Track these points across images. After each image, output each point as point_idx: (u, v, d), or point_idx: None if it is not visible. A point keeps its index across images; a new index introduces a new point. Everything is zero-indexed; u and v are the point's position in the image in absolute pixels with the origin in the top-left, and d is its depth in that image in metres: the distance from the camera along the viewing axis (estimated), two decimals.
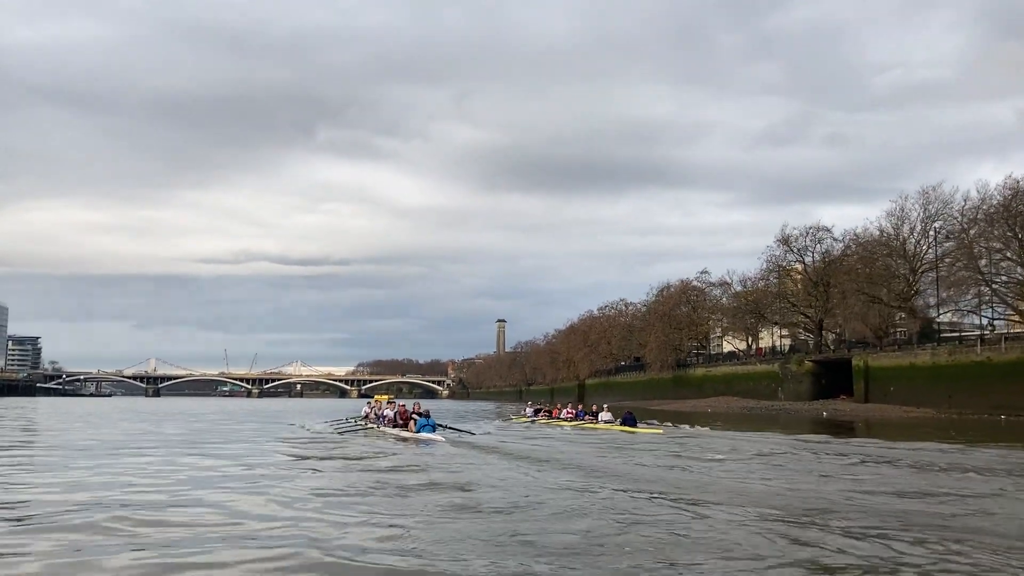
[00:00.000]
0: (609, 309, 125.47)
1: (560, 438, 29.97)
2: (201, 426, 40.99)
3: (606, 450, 23.78)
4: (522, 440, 28.26)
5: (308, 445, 25.86)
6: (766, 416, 65.10)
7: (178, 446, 25.11)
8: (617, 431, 33.04)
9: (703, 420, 53.97)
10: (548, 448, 24.35)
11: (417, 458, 20.71)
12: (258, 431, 35.49)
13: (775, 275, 78.73)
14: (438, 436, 26.92)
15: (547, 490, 13.88)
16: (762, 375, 79.72)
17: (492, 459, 20.31)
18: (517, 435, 31.51)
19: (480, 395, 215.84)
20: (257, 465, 18.31)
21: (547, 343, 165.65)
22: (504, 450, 23.07)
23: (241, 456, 21.05)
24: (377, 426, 31.56)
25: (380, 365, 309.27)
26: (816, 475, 17.19)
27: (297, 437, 30.35)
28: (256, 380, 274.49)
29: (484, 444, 25.37)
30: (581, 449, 24.14)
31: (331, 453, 22.39)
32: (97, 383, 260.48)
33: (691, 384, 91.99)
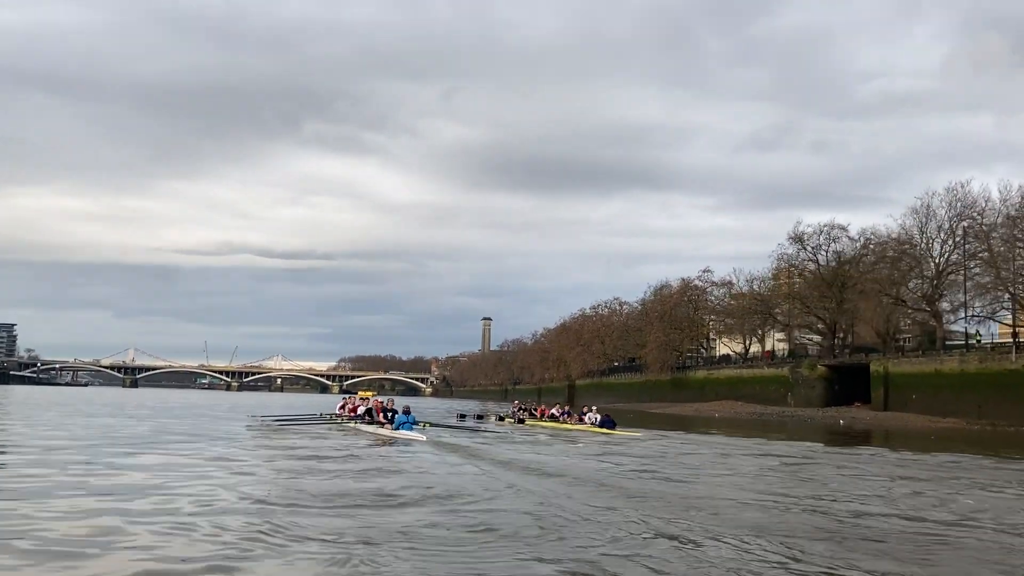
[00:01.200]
0: (603, 308, 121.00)
1: (545, 441, 28.10)
2: (152, 421, 37.25)
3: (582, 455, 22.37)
4: (502, 442, 26.28)
5: (266, 444, 23.41)
6: (776, 423, 60.92)
7: (120, 444, 22.10)
8: (598, 433, 32.25)
9: (711, 425, 50.18)
10: (533, 453, 22.55)
11: (387, 461, 18.94)
12: (214, 426, 33.46)
13: (787, 274, 74.16)
14: (419, 435, 25.22)
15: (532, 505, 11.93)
16: (770, 379, 75.25)
17: (472, 462, 18.67)
18: (498, 435, 29.58)
19: (464, 393, 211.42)
20: (191, 467, 16.26)
21: (536, 342, 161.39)
22: (487, 454, 21.20)
23: (178, 459, 18.20)
24: (354, 423, 29.89)
25: (362, 361, 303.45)
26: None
27: (255, 434, 27.78)
28: (236, 373, 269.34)
29: (465, 445, 23.80)
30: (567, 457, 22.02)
31: (291, 453, 20.23)
32: (73, 372, 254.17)
33: (691, 387, 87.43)
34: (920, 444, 33.48)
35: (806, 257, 72.82)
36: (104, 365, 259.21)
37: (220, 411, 55.09)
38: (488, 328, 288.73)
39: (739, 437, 35.97)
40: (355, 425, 29.32)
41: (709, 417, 67.10)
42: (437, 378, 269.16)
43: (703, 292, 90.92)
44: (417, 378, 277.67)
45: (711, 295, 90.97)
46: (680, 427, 46.64)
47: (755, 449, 27.63)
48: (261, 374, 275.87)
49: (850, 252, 70.45)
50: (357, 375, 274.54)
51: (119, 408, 54.86)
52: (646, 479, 16.38)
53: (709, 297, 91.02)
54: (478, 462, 18.71)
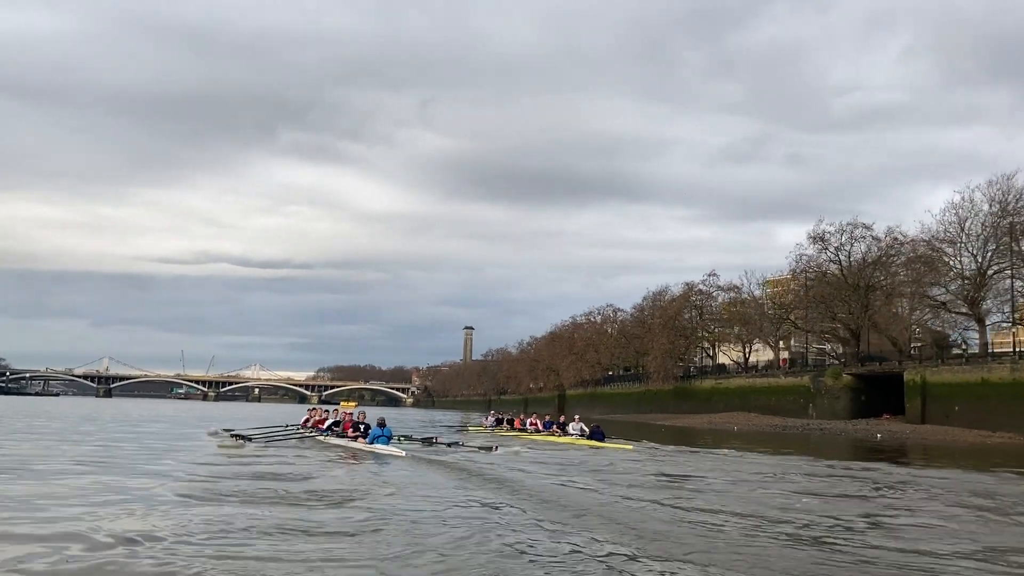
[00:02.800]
0: (596, 315, 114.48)
1: (528, 454, 25.64)
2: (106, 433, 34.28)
3: (568, 470, 20.46)
4: (482, 456, 23.94)
5: (220, 460, 20.61)
6: (800, 436, 54.68)
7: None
8: (585, 446, 29.75)
9: (728, 440, 44.60)
10: (516, 468, 20.22)
11: (348, 478, 17.20)
12: (169, 438, 31.44)
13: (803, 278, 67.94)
14: (395, 449, 22.78)
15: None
16: (788, 389, 68.86)
17: (453, 481, 16.90)
18: (476, 448, 26.86)
19: (446, 404, 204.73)
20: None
21: (523, 351, 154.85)
22: (472, 469, 19.37)
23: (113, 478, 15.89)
24: (320, 435, 27.11)
25: (342, 371, 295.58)
26: None
27: (208, 450, 24.57)
28: (213, 383, 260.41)
29: (448, 461, 21.48)
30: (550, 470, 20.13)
31: (241, 472, 17.64)
32: (44, 382, 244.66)
33: (696, 397, 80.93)
34: (978, 461, 29.20)
35: (828, 258, 66.66)
36: (77, 375, 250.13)
37: (182, 423, 49.10)
38: (470, 337, 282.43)
39: (768, 454, 31.10)
40: (323, 438, 26.55)
41: (725, 430, 60.78)
42: (418, 388, 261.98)
43: (708, 297, 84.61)
44: (398, 388, 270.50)
45: (716, 300, 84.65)
46: (687, 440, 41.67)
47: (800, 467, 23.96)
48: (239, 384, 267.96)
49: (875, 252, 64.28)
50: (336, 385, 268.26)
51: (77, 419, 48.61)
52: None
53: (713, 302, 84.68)
54: (465, 484, 16.47)
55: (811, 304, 65.66)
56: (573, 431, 32.74)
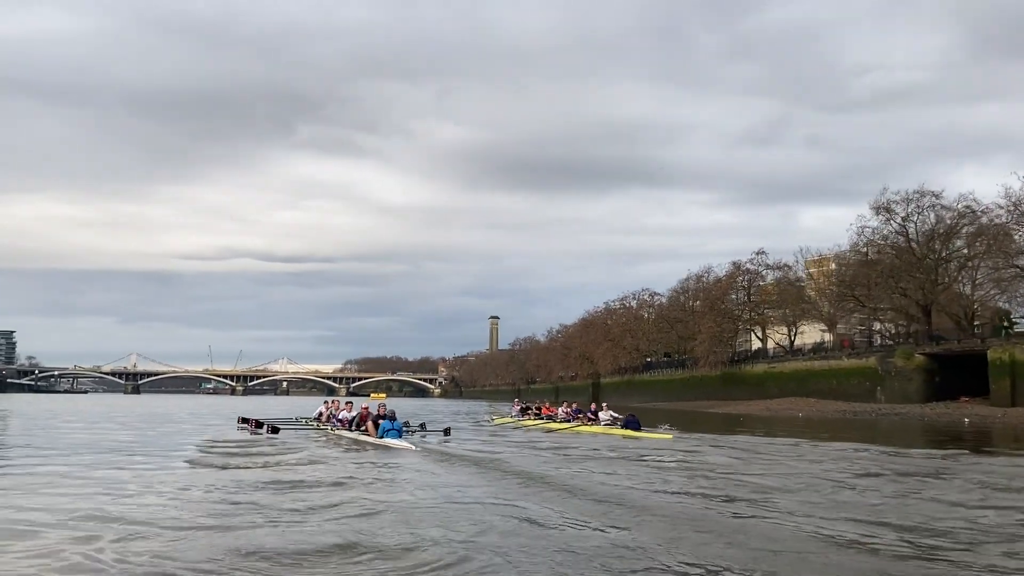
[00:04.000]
0: (631, 300, 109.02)
1: (552, 445, 23.62)
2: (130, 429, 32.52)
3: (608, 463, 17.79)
4: (507, 446, 22.89)
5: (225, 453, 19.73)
6: (871, 423, 49.45)
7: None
8: (619, 435, 27.60)
9: (792, 427, 40.59)
10: (537, 459, 18.31)
11: (361, 471, 15.31)
12: (181, 433, 29.88)
13: (874, 251, 62.36)
14: (405, 443, 21.32)
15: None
16: (851, 372, 63.38)
17: (462, 475, 14.98)
18: (501, 440, 26.04)
19: (474, 394, 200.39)
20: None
21: (552, 339, 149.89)
22: (485, 461, 17.25)
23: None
24: (331, 428, 26.39)
25: (369, 363, 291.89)
26: None
27: (219, 441, 23.86)
28: (241, 377, 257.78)
29: (460, 454, 19.53)
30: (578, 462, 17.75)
31: (245, 463, 16.98)
32: (73, 379, 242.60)
33: (747, 383, 75.55)
34: None
35: (894, 229, 61.11)
36: (105, 372, 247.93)
37: (204, 417, 45.70)
38: (496, 327, 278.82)
39: (843, 441, 26.62)
40: (337, 432, 25.46)
41: (787, 417, 55.55)
42: (446, 379, 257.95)
43: (756, 276, 78.99)
44: (425, 379, 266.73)
45: (764, 279, 79.02)
46: (743, 429, 37.79)
47: (890, 459, 19.47)
48: (266, 377, 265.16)
49: (947, 222, 58.77)
50: (364, 377, 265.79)
51: (97, 416, 45.17)
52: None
53: (761, 282, 79.06)
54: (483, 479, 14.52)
55: (879, 279, 59.96)
56: (604, 419, 30.54)
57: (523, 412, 38.11)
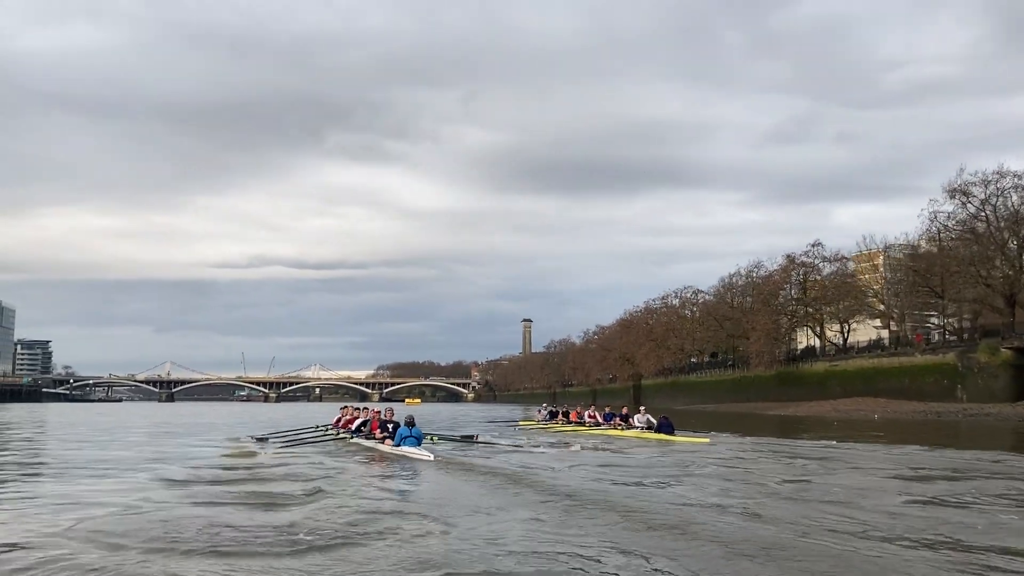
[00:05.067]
0: (673, 298, 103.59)
1: (586, 452, 21.35)
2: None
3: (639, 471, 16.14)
4: (536, 455, 20.28)
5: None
6: (956, 424, 44.27)
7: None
8: (652, 440, 26.12)
9: (867, 430, 36.81)
10: (568, 470, 16.07)
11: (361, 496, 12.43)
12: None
13: (951, 237, 56.86)
14: (423, 452, 18.48)
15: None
16: (926, 369, 57.85)
17: (488, 495, 12.43)
18: (529, 447, 23.30)
19: (508, 397, 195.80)
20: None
21: (588, 340, 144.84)
22: (512, 475, 14.76)
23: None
24: (349, 436, 24.07)
25: (401, 368, 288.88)
26: None
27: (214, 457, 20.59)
28: (274, 384, 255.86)
29: (484, 464, 16.95)
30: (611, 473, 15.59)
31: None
32: (108, 388, 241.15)
33: (806, 383, 70.09)
34: None
35: (971, 213, 55.62)
36: (140, 380, 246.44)
37: (223, 426, 41.36)
38: (529, 330, 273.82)
39: (933, 448, 22.56)
40: (354, 440, 23.56)
41: (858, 419, 50.37)
42: (479, 383, 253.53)
43: (812, 270, 73.50)
44: (458, 383, 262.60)
45: (821, 273, 73.57)
46: (808, 432, 33.94)
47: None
48: (299, 384, 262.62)
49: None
50: (396, 382, 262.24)
51: (112, 426, 42.77)
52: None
53: (818, 275, 73.57)
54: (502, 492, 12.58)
55: (958, 268, 54.50)
56: (639, 423, 28.69)
57: (551, 416, 36.54)
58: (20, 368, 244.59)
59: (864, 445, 24.38)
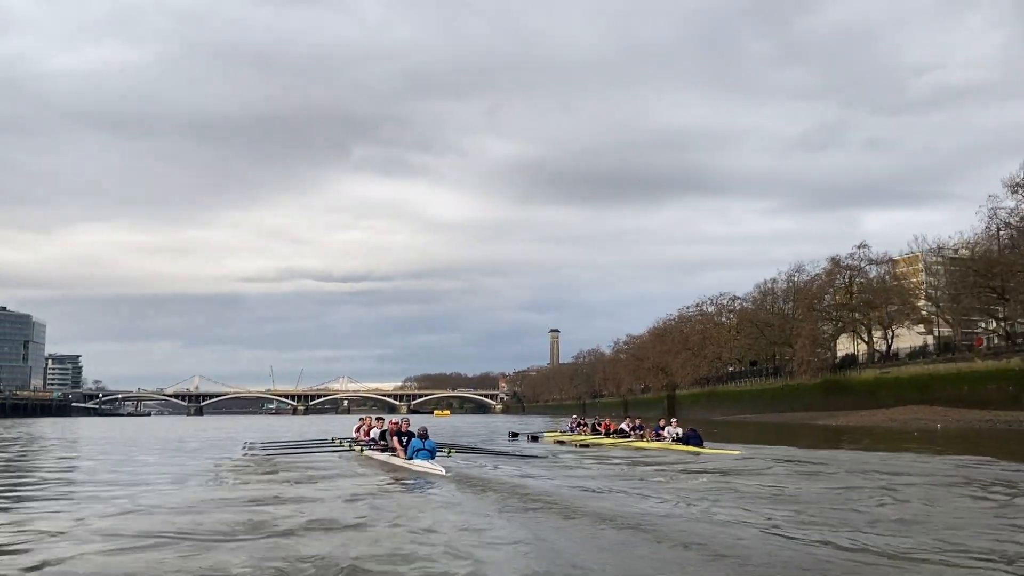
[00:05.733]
0: (708, 305, 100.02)
1: (615, 466, 20.01)
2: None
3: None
4: (563, 469, 19.01)
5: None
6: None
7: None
8: (679, 451, 24.63)
9: (931, 443, 33.09)
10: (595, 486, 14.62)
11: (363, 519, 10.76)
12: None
13: (1012, 234, 53.10)
14: (436, 466, 16.96)
15: None
16: (988, 375, 54.08)
17: (508, 521, 10.50)
18: (554, 461, 21.77)
19: (537, 409, 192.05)
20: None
21: (619, 350, 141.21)
22: (538, 495, 12.85)
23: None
24: (362, 448, 22.51)
25: (428, 379, 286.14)
26: None
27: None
28: (302, 396, 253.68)
29: (503, 481, 15.28)
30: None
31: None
32: (137, 402, 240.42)
33: (853, 391, 66.35)
34: None
35: None
36: (169, 394, 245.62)
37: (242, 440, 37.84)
38: (556, 340, 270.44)
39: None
40: (366, 452, 22.25)
41: (920, 428, 46.78)
42: (507, 394, 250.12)
43: (857, 272, 69.77)
44: (485, 395, 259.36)
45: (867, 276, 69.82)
46: (855, 442, 32.94)
47: None
48: (328, 396, 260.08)
49: None
50: (424, 394, 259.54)
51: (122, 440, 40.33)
52: None
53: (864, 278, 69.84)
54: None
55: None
56: (668, 435, 27.36)
57: (577, 428, 35.37)
58: (51, 383, 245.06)
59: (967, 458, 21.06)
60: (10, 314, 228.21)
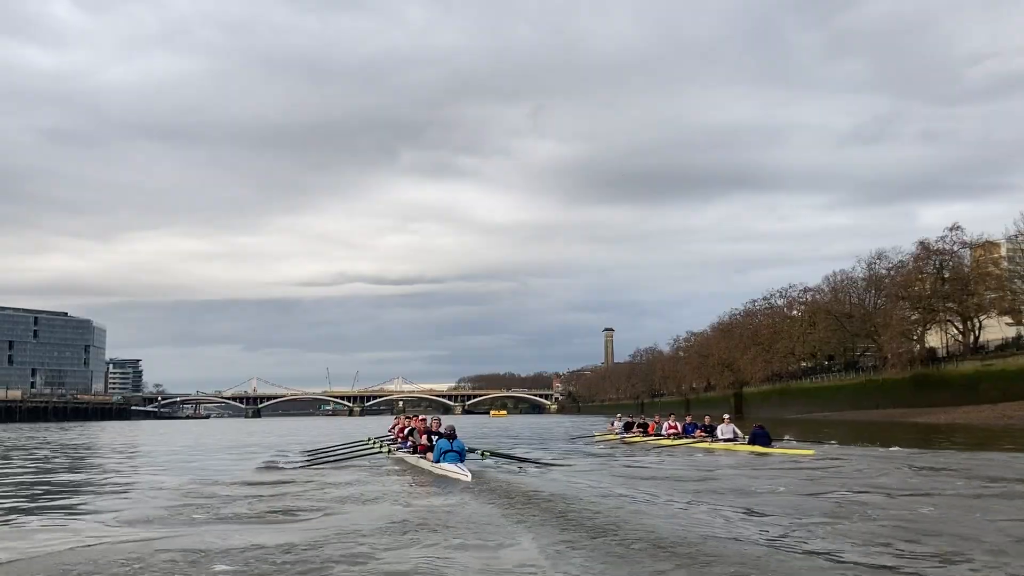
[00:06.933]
0: (777, 298, 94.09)
1: (673, 472, 17.48)
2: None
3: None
4: (613, 477, 16.49)
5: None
6: None
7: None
8: (744, 452, 22.74)
9: None
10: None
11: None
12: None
13: None
14: (463, 471, 15.49)
15: None
16: None
17: (504, 533, 9.09)
18: (603, 465, 19.97)
19: (592, 409, 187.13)
20: None
21: (679, 347, 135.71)
22: (580, 512, 10.48)
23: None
24: (387, 452, 22.01)
25: (482, 380, 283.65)
26: None
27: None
28: (358, 398, 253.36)
29: (538, 490, 13.28)
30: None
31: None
32: (195, 405, 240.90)
33: (951, 386, 60.26)
34: None
35: None
36: (227, 396, 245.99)
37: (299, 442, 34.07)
38: (611, 340, 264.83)
39: None
40: (397, 454, 21.00)
41: None
42: (561, 394, 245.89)
43: (951, 257, 63.68)
44: (540, 395, 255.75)
45: (961, 260, 63.72)
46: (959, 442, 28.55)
47: None
48: (383, 397, 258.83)
49: None
50: (479, 394, 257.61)
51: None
52: None
53: (958, 262, 63.77)
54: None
55: None
56: (723, 435, 25.89)
57: (627, 428, 33.95)
58: (112, 387, 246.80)
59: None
60: (71, 320, 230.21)
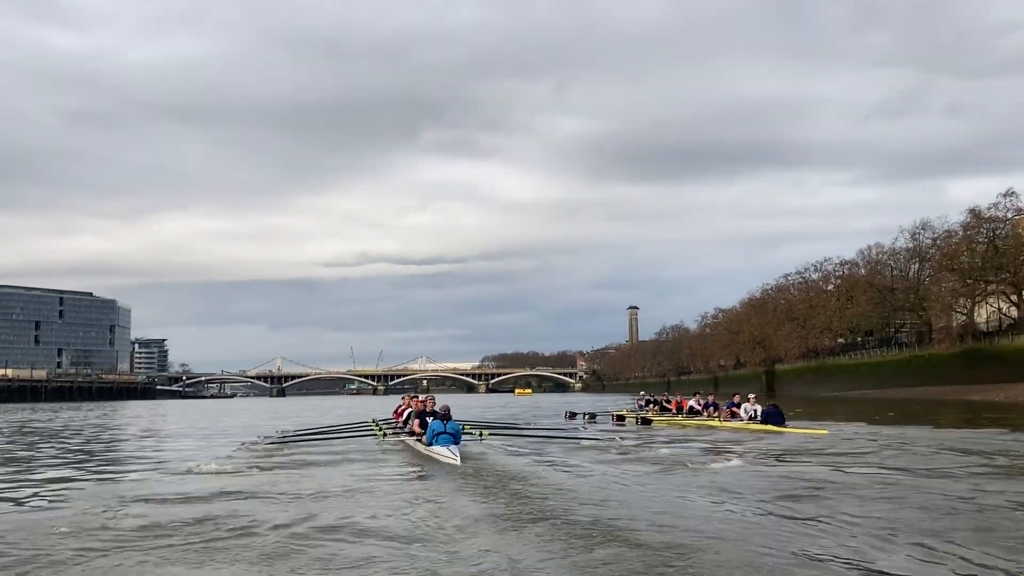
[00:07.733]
0: (812, 272, 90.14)
1: (691, 453, 16.47)
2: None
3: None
4: (624, 461, 14.70)
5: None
6: None
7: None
8: (755, 432, 21.70)
9: None
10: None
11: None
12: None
13: None
14: (454, 454, 14.33)
15: None
16: None
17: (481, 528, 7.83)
18: (615, 447, 17.75)
19: (617, 387, 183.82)
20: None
21: (707, 324, 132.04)
22: (557, 494, 9.76)
23: None
24: (384, 433, 20.04)
25: (505, 359, 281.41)
26: None
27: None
28: (381, 377, 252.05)
29: (534, 474, 12.28)
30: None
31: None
32: (220, 384, 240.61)
33: (1003, 361, 56.22)
34: None
35: None
36: (251, 375, 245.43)
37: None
38: (635, 317, 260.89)
39: None
40: (390, 437, 19.48)
41: None
42: (586, 372, 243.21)
43: (1002, 225, 59.61)
44: (564, 373, 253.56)
45: (1017, 227, 59.58)
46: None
47: None
48: (407, 376, 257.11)
49: None
50: (502, 373, 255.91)
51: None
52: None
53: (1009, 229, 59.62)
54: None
55: None
56: (745, 414, 23.98)
57: (646, 405, 32.54)
58: (138, 366, 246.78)
59: None
60: (96, 300, 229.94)
